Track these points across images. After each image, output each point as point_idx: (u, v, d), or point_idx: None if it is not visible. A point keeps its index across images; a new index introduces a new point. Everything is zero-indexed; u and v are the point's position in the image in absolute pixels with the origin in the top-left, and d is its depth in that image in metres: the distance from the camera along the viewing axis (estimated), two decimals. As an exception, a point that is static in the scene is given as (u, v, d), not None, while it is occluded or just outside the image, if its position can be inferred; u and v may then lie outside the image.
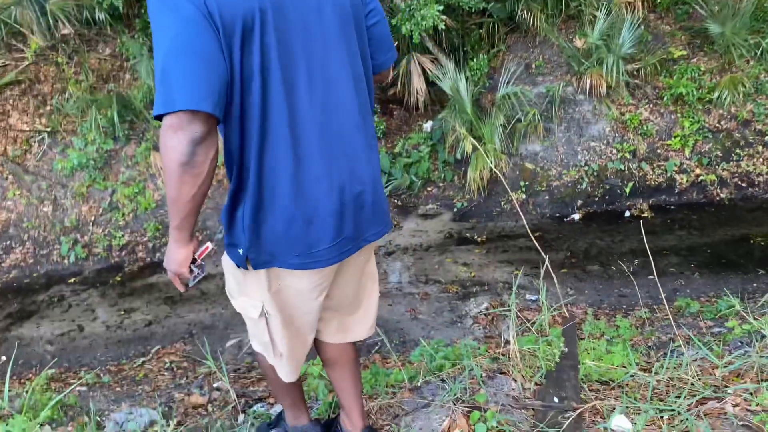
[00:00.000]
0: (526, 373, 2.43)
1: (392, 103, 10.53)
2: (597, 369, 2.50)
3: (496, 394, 2.33)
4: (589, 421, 2.17)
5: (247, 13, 1.48)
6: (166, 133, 1.47)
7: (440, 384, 2.40)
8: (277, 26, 1.52)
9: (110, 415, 3.41)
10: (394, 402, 2.30)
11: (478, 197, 8.64)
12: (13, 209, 8.95)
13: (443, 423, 2.14)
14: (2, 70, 9.87)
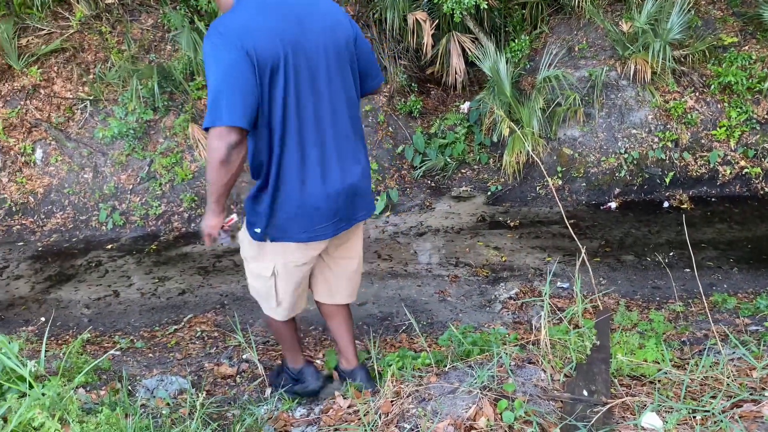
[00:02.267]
0: (556, 364, 2.40)
1: (429, 82, 10.43)
2: (629, 364, 2.46)
3: (524, 383, 2.31)
4: (618, 417, 2.14)
5: (275, 57, 2.12)
6: (213, 139, 2.13)
7: (468, 370, 2.38)
8: (294, 66, 2.17)
9: (141, 381, 3.49)
10: (421, 386, 2.30)
11: (513, 181, 8.54)
12: (55, 175, 9.17)
13: (470, 410, 2.13)
14: (48, 37, 10.05)
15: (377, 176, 8.94)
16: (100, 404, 2.33)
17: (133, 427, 1.95)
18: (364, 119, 9.48)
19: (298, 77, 2.19)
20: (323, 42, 2.26)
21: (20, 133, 9.43)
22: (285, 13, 2.18)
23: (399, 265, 7.36)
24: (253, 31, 2.09)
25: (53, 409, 1.96)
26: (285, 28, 2.16)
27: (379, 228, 8.23)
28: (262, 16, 2.14)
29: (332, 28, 2.30)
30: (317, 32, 2.24)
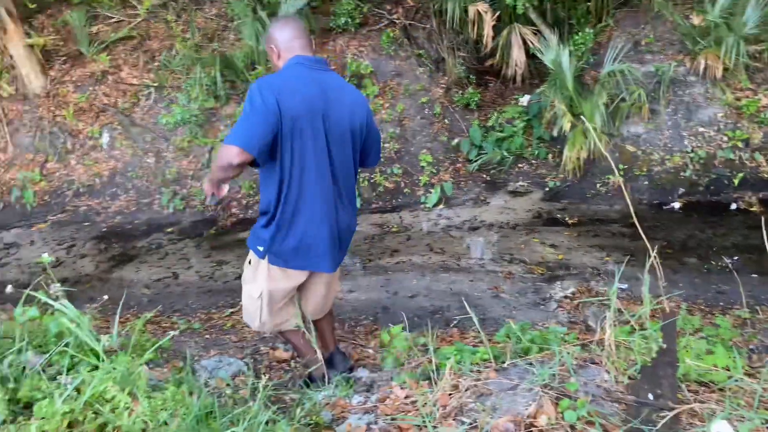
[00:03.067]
0: (620, 365, 2.34)
1: (488, 74, 10.29)
2: (697, 369, 2.37)
3: (586, 383, 2.25)
4: (685, 423, 2.07)
5: (297, 117, 2.57)
6: (225, 150, 2.51)
7: (528, 368, 2.34)
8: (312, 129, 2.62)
9: (201, 361, 3.58)
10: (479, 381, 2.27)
11: (572, 177, 8.35)
12: (120, 158, 9.50)
13: (530, 407, 2.10)
14: (117, 25, 10.41)
15: (431, 169, 8.90)
16: (165, 381, 2.40)
17: (198, 405, 2.00)
18: (421, 111, 9.44)
19: (312, 140, 2.65)
20: (340, 120, 2.73)
21: (89, 118, 9.81)
22: (317, 88, 2.68)
23: (451, 259, 7.31)
24: (288, 92, 2.59)
25: (123, 383, 2.03)
26: (313, 99, 2.64)
27: (431, 221, 8.19)
28: (300, 83, 2.66)
29: (351, 112, 2.77)
30: (338, 111, 2.72)
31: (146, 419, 1.96)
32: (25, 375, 2.21)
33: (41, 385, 2.04)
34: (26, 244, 8.38)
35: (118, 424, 1.94)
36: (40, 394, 2.00)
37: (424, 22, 10.14)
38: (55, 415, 1.84)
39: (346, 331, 6.12)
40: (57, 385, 2.05)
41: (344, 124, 2.74)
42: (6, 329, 2.85)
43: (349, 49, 9.78)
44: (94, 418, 1.92)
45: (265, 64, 9.16)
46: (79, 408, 1.91)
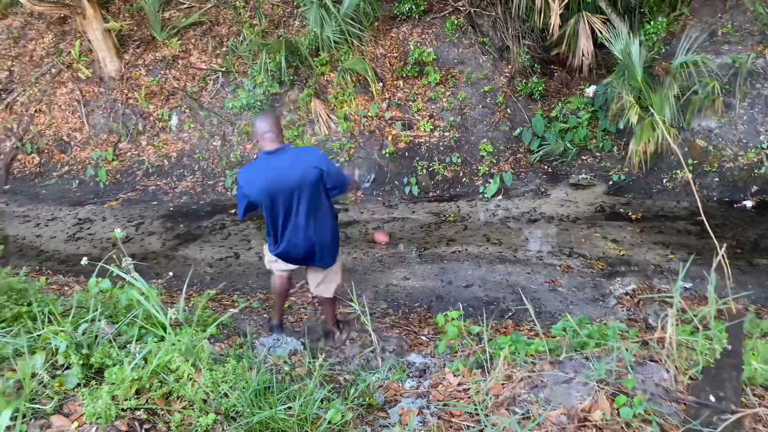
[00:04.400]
0: (681, 364, 2.27)
1: (553, 64, 10.06)
2: (764, 374, 2.28)
3: (644, 381, 2.20)
4: (749, 428, 2.00)
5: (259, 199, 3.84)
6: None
7: (584, 362, 2.31)
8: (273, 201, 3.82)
9: (260, 338, 3.69)
10: (533, 372, 2.26)
11: (637, 171, 8.09)
12: (187, 140, 9.82)
13: (584, 401, 2.07)
14: (188, 11, 10.70)
15: (491, 158, 8.80)
16: (225, 356, 2.49)
17: (257, 380, 2.07)
18: (483, 100, 9.33)
19: (277, 204, 3.88)
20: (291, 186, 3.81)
21: (159, 100, 10.16)
22: (272, 174, 3.79)
23: (508, 250, 7.24)
24: (251, 184, 3.88)
25: (187, 355, 2.13)
26: (264, 182, 3.81)
27: (489, 211, 8.12)
28: (259, 175, 3.85)
29: (302, 175, 3.80)
30: (288, 181, 3.80)
31: (208, 390, 2.05)
32: (97, 342, 2.34)
33: (112, 353, 2.16)
34: (99, 219, 8.78)
35: (182, 394, 2.03)
36: (110, 361, 2.12)
37: (489, 10, 9.99)
38: (124, 381, 1.94)
39: (399, 317, 6.18)
40: (126, 353, 2.16)
41: (295, 186, 3.81)
42: (80, 299, 3.02)
43: (412, 37, 9.74)
44: (159, 386, 2.02)
45: (328, 50, 9.26)
46: (147, 376, 2.01)
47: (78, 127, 10.25)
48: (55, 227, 8.68)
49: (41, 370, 2.04)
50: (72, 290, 6.41)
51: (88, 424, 1.90)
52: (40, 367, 2.06)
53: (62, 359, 2.13)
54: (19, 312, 2.66)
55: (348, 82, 9.18)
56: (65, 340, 2.14)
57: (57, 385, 2.04)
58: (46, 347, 2.20)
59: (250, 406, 1.99)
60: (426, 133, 9.10)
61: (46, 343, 2.21)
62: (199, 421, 1.93)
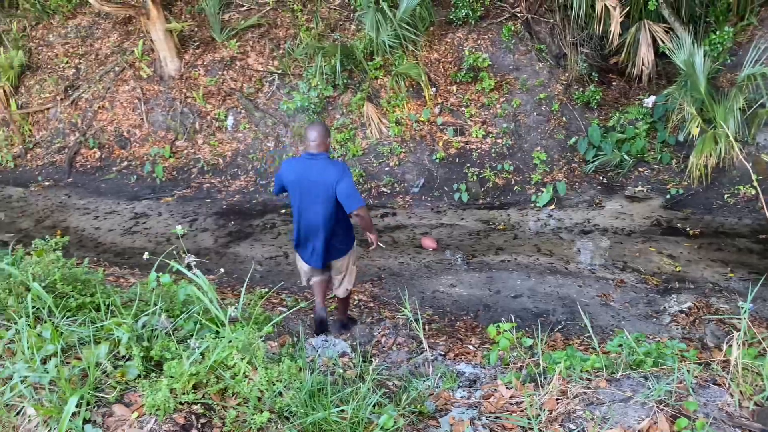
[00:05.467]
0: (746, 389, 2.18)
1: (611, 72, 9.84)
2: (836, 404, 2.16)
3: (706, 404, 2.12)
4: (819, 460, 1.90)
5: (287, 183, 4.49)
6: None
7: (643, 381, 2.24)
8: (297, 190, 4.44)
9: (309, 339, 3.72)
10: (589, 389, 2.21)
11: (697, 186, 7.84)
12: (242, 141, 10.02)
13: (642, 422, 2.01)
14: (247, 13, 10.93)
15: (544, 167, 8.67)
16: (279, 355, 2.53)
17: (311, 380, 2.09)
18: (537, 107, 9.21)
19: (297, 195, 4.49)
20: (313, 185, 4.40)
21: (216, 100, 10.40)
22: (299, 169, 4.45)
23: (559, 261, 7.11)
24: (285, 172, 4.54)
25: (243, 352, 2.16)
26: (296, 175, 4.45)
27: (541, 221, 7.99)
28: (291, 167, 4.52)
29: (317, 181, 4.38)
30: (311, 181, 4.39)
31: (263, 388, 2.08)
32: (156, 336, 2.41)
33: (171, 346, 2.21)
34: (154, 215, 9.04)
35: (237, 390, 2.07)
36: (169, 355, 2.17)
37: (547, 17, 9.86)
38: (183, 375, 1.99)
39: (445, 324, 6.14)
40: (184, 347, 2.21)
41: (316, 187, 4.38)
42: (140, 292, 3.11)
43: (468, 42, 9.70)
44: (216, 381, 2.06)
45: (383, 55, 9.29)
46: (204, 371, 2.05)
47: (138, 124, 10.59)
48: (112, 220, 8.98)
49: (105, 360, 2.11)
50: (128, 282, 6.62)
51: (148, 415, 1.95)
52: (103, 356, 2.13)
53: (124, 350, 2.20)
54: (83, 302, 2.76)
55: (401, 86, 9.20)
56: (127, 332, 2.21)
57: (119, 375, 2.10)
58: (109, 338, 2.28)
59: (304, 407, 2.00)
60: (478, 139, 9.04)
61: (109, 333, 2.29)
62: (253, 418, 1.96)
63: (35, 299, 2.51)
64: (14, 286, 2.58)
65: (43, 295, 2.44)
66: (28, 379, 2.01)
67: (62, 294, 2.78)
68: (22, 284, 2.69)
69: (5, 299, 2.53)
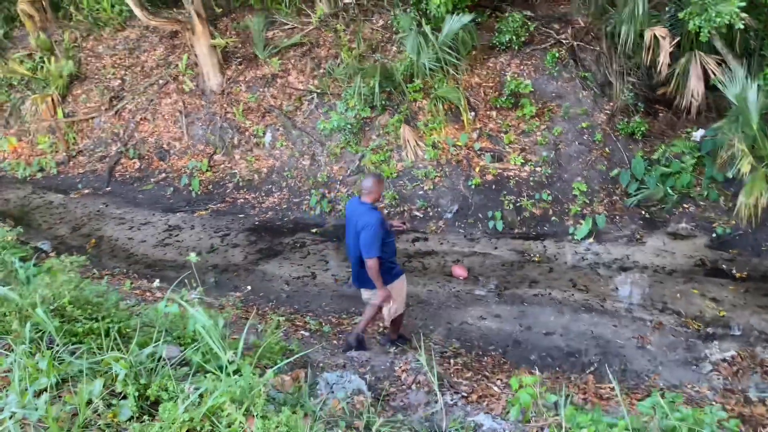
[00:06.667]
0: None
1: (658, 103, 9.51)
2: None
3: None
4: None
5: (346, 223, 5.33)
6: None
7: (676, 457, 2.03)
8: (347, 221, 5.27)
9: (323, 374, 3.58)
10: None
11: (746, 226, 7.45)
12: (279, 158, 10.03)
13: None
14: (290, 32, 11.01)
15: (584, 198, 8.39)
16: (284, 395, 2.39)
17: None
18: (579, 137, 8.96)
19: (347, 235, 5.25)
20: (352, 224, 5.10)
21: (256, 117, 10.47)
22: (350, 207, 5.27)
23: (595, 299, 6.82)
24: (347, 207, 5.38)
25: (243, 396, 2.04)
26: (348, 212, 5.27)
27: (578, 254, 7.71)
28: (349, 204, 5.36)
29: (356, 223, 5.03)
30: (352, 221, 5.11)
31: (258, 440, 1.94)
32: (158, 370, 2.30)
33: (169, 386, 2.10)
34: (187, 228, 9.09)
35: (232, 440, 1.94)
36: (166, 395, 2.07)
37: (594, 44, 9.63)
38: (175, 421, 1.87)
39: (472, 358, 5.93)
40: (182, 388, 2.10)
41: (351, 227, 5.12)
42: (150, 317, 3.02)
43: (510, 68, 9.54)
44: (210, 430, 1.94)
45: (423, 77, 9.20)
46: (199, 418, 1.93)
47: (178, 137, 10.72)
48: (146, 231, 9.06)
49: (97, 399, 2.01)
50: (154, 297, 6.61)
51: (135, 463, 1.84)
52: (97, 394, 2.03)
53: (120, 387, 2.10)
54: (91, 327, 2.69)
55: (440, 109, 9.08)
56: (125, 368, 2.11)
57: (110, 416, 2.00)
58: (107, 371, 2.19)
59: (300, 465, 1.87)
60: (516, 166, 8.83)
61: (108, 367, 2.20)
62: (246, 473, 1.83)
63: (40, 323, 2.45)
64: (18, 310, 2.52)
65: (45, 322, 2.36)
66: (16, 415, 1.93)
67: (71, 318, 2.71)
68: (31, 306, 2.64)
69: (10, 323, 2.47)
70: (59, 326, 2.57)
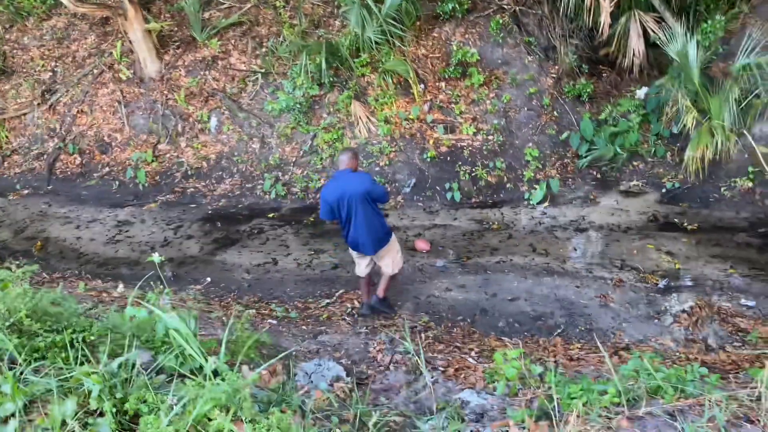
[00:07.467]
0: (780, 425, 2.00)
1: (602, 64, 9.63)
2: None
3: (740, 446, 1.94)
4: None
5: (333, 201, 5.44)
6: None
7: (668, 420, 2.05)
8: (342, 203, 5.41)
9: (300, 364, 3.51)
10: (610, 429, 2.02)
11: (694, 179, 7.68)
12: (226, 143, 9.74)
13: (672, 469, 1.83)
14: (228, 11, 10.62)
15: (537, 163, 8.48)
16: (266, 397, 2.31)
17: (304, 436, 1.89)
18: (528, 102, 9.02)
19: (344, 206, 5.41)
20: (351, 195, 5.36)
21: (198, 102, 10.11)
22: (339, 185, 5.43)
23: (555, 261, 6.94)
24: (328, 192, 5.49)
25: (228, 402, 1.95)
26: (337, 191, 5.41)
27: (535, 219, 7.81)
28: (332, 185, 5.50)
29: (355, 189, 5.35)
30: (350, 191, 5.35)
31: (250, 446, 1.86)
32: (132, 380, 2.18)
33: (147, 397, 1.99)
34: (138, 222, 8.77)
35: (222, 449, 1.85)
36: (146, 408, 1.95)
37: (535, 8, 9.64)
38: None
39: (442, 330, 5.95)
40: (162, 398, 1.99)
41: (356, 195, 5.36)
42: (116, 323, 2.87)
43: (455, 37, 9.47)
44: (198, 440, 1.85)
45: (369, 51, 9.05)
46: (185, 429, 1.83)
47: (119, 128, 10.28)
48: (95, 229, 8.69)
49: (72, 419, 1.89)
50: (111, 296, 6.35)
51: (121, 484, 1.74)
52: (71, 414, 1.90)
53: (95, 404, 1.98)
54: (53, 341, 2.53)
55: (389, 83, 8.97)
56: (98, 384, 1.98)
57: (88, 436, 1.88)
58: (78, 388, 2.05)
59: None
60: (469, 136, 8.83)
61: (79, 384, 2.06)
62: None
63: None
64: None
65: (2, 340, 2.20)
66: (-17, 447, 1.79)
67: (30, 333, 2.54)
68: (-15, 324, 2.45)
69: (-36, 344, 2.29)
70: (18, 343, 2.40)
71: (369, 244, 5.61)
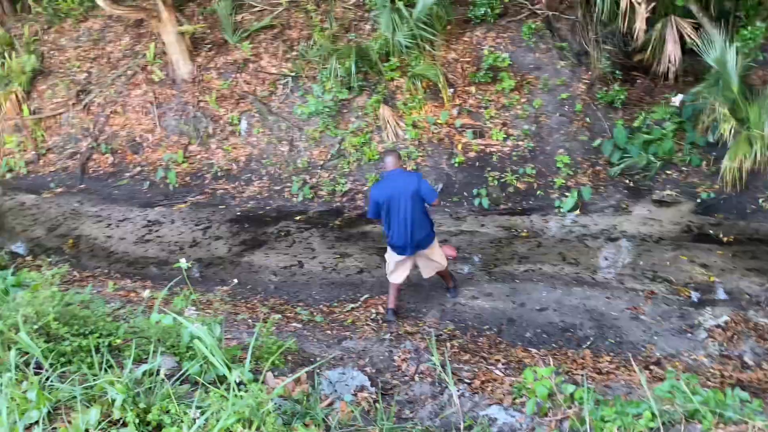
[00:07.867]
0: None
1: (636, 70, 9.45)
2: None
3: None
4: None
5: (382, 200, 5.74)
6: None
7: (706, 447, 1.97)
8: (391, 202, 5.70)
9: (324, 372, 3.47)
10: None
11: (730, 189, 7.45)
12: (256, 145, 9.79)
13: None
14: (260, 14, 10.70)
15: (568, 170, 8.34)
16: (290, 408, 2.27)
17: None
18: (560, 108, 8.88)
19: (394, 206, 5.68)
20: (400, 195, 5.63)
21: (229, 104, 10.18)
22: (389, 185, 5.74)
23: (586, 271, 6.80)
24: (378, 191, 5.79)
25: (252, 415, 1.92)
26: (387, 190, 5.70)
27: (565, 228, 7.68)
28: (383, 185, 5.85)
29: (405, 188, 5.64)
30: (400, 190, 5.63)
31: (273, 462, 1.83)
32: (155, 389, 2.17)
33: (170, 408, 1.98)
34: (167, 222, 8.86)
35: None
36: (168, 419, 1.94)
37: (569, 13, 9.50)
38: (182, 448, 1.75)
39: (468, 339, 5.86)
40: (185, 409, 1.97)
41: (405, 194, 5.62)
42: (142, 327, 2.87)
43: (486, 41, 9.38)
44: (220, 455, 1.82)
45: (399, 55, 9.01)
46: (207, 443, 1.81)
47: (150, 129, 10.41)
48: (125, 228, 8.81)
49: (95, 429, 1.88)
50: (138, 297, 6.41)
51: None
52: (94, 423, 1.90)
53: (118, 413, 1.97)
54: (80, 345, 2.54)
55: (418, 88, 8.92)
56: (122, 393, 1.98)
57: (111, 447, 1.87)
58: (102, 396, 2.05)
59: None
60: (498, 141, 8.73)
61: (103, 392, 2.06)
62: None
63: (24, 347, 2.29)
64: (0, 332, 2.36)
65: (30, 346, 2.21)
66: (7, 454, 1.79)
67: (57, 337, 2.56)
68: (14, 328, 2.47)
69: (-8, 348, 2.31)
70: (45, 347, 2.41)
71: (416, 242, 5.82)
